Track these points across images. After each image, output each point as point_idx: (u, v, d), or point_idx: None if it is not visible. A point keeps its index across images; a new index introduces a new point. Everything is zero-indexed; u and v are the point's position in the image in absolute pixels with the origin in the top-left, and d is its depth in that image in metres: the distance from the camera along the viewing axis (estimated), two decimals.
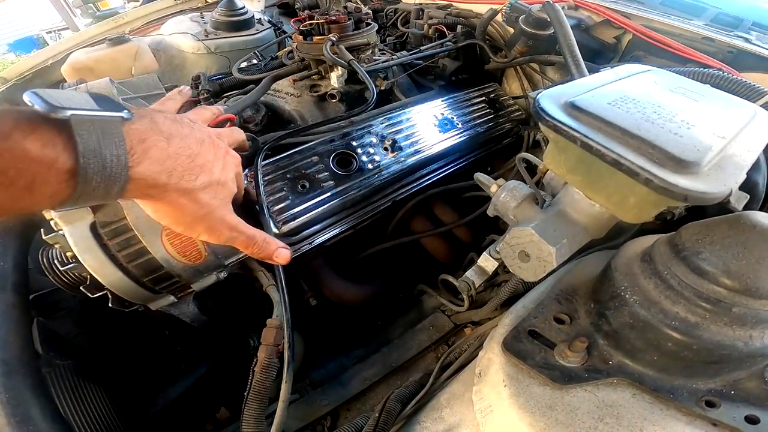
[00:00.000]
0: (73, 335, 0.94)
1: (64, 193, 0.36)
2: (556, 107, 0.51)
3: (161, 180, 0.43)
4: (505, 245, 0.55)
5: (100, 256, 0.61)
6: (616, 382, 0.49)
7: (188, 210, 0.48)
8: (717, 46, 1.04)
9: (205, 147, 0.49)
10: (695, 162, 0.41)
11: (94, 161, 0.36)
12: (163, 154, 0.42)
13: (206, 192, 0.48)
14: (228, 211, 0.54)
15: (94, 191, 0.37)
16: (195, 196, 0.47)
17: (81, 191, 0.37)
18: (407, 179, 1.01)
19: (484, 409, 0.54)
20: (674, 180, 0.39)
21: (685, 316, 0.44)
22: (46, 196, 0.36)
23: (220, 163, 0.51)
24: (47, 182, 0.35)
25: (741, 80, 0.78)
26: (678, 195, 0.38)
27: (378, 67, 1.09)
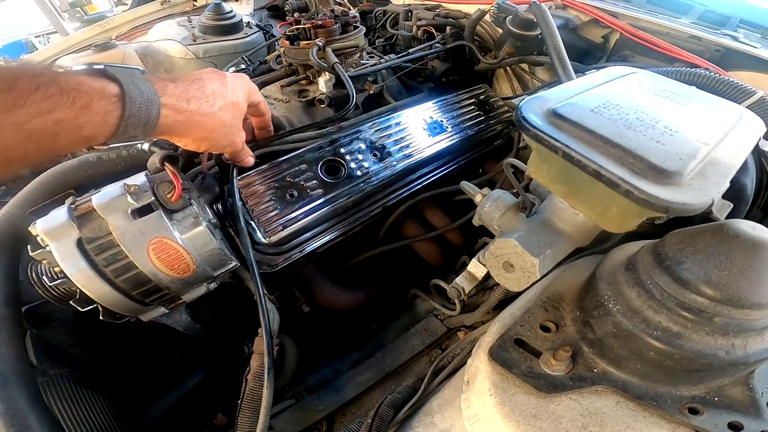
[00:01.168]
0: (68, 345, 0.93)
1: (115, 112, 0.45)
2: (538, 115, 0.50)
3: (184, 106, 0.53)
4: (490, 255, 0.55)
5: (88, 272, 0.61)
6: (600, 390, 0.49)
7: (217, 131, 0.59)
8: (704, 45, 1.04)
9: (208, 77, 0.59)
10: (677, 172, 0.41)
11: (134, 88, 0.46)
12: (176, 89, 0.53)
13: (225, 112, 0.59)
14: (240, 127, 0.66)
15: (139, 111, 0.47)
16: (217, 118, 0.58)
17: (129, 112, 0.46)
18: (397, 184, 1.01)
19: (471, 417, 0.54)
20: (655, 192, 0.39)
21: (667, 325, 0.44)
22: (101, 114, 0.44)
23: (228, 87, 0.61)
24: (102, 99, 0.44)
25: (728, 80, 0.78)
26: (659, 207, 0.39)
27: (367, 71, 1.09)
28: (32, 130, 0.40)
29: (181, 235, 0.62)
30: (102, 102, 0.45)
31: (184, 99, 0.54)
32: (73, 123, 0.43)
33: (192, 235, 0.63)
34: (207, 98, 0.57)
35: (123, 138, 0.49)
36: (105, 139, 0.48)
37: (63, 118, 0.42)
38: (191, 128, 0.57)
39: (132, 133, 0.49)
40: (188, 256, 0.63)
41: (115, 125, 0.46)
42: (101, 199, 0.61)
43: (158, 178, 0.65)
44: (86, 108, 0.43)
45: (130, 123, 0.47)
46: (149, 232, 0.60)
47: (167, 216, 0.62)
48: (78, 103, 0.42)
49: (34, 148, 0.42)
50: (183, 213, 0.64)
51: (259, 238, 0.81)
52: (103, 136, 0.47)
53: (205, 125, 0.58)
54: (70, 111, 0.42)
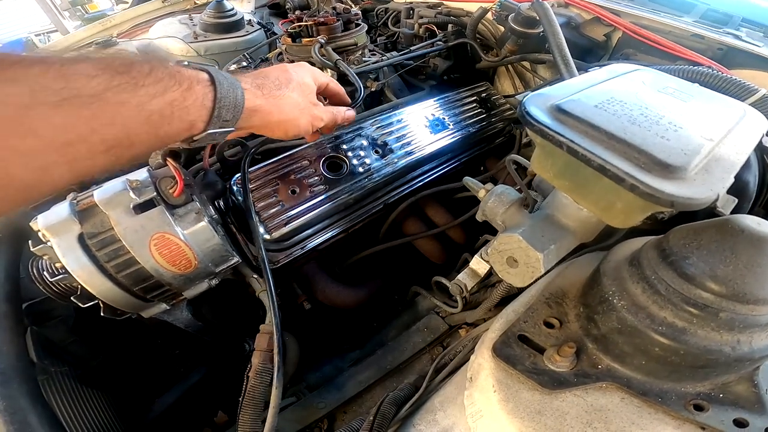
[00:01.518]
0: (68, 342, 0.93)
1: (210, 94, 0.49)
2: (542, 111, 0.50)
3: (258, 92, 0.56)
4: (494, 251, 0.55)
5: (89, 267, 0.60)
6: (604, 386, 0.49)
7: (294, 111, 0.61)
8: (707, 43, 1.04)
9: (270, 69, 0.63)
10: (682, 167, 0.41)
11: (218, 75, 0.50)
12: (247, 79, 0.57)
13: (295, 92, 0.62)
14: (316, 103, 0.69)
15: (228, 93, 0.50)
16: (290, 98, 0.61)
17: (220, 93, 0.49)
18: (399, 181, 1.01)
19: (475, 413, 0.54)
20: (660, 186, 0.39)
21: (673, 321, 0.44)
22: (200, 96, 0.48)
23: (290, 72, 0.64)
24: (199, 84, 0.48)
25: (731, 78, 0.78)
26: (664, 201, 0.38)
27: (368, 68, 1.08)
28: (151, 111, 0.43)
29: (183, 231, 0.62)
30: (199, 86, 0.48)
31: (258, 87, 0.57)
32: (182, 104, 0.46)
33: (194, 231, 0.63)
34: (273, 83, 0.60)
35: (217, 123, 0.50)
36: (204, 124, 0.50)
37: (174, 98, 0.45)
38: (271, 111, 0.59)
39: (225, 117, 0.51)
40: (190, 252, 0.63)
41: (210, 108, 0.49)
42: (103, 194, 0.61)
43: (160, 173, 0.65)
44: (190, 90, 0.47)
45: (223, 105, 0.50)
46: (151, 227, 0.60)
47: (169, 211, 0.62)
48: (183, 86, 0.46)
49: (153, 130, 0.44)
50: (185, 208, 0.64)
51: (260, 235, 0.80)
52: (203, 120, 0.49)
53: (281, 107, 0.60)
54: (179, 92, 0.45)
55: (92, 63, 0.39)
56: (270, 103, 0.58)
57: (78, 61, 0.39)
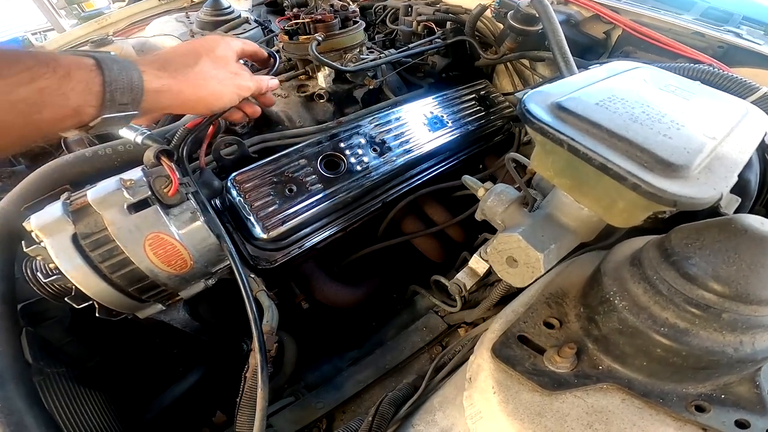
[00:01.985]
0: (65, 343, 0.92)
1: (96, 79, 0.47)
2: (542, 109, 0.49)
3: (161, 73, 0.54)
4: (493, 251, 0.54)
5: (83, 268, 0.59)
6: (605, 387, 0.49)
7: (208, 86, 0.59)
8: (707, 41, 1.03)
9: (176, 46, 0.61)
10: (685, 165, 0.40)
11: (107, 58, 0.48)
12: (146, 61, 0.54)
13: (207, 66, 0.59)
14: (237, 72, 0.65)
15: (119, 76, 0.48)
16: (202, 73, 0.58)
17: (109, 77, 0.47)
18: (397, 180, 1.00)
19: (474, 415, 0.53)
20: (663, 185, 0.38)
21: (674, 322, 0.43)
22: (83, 82, 0.46)
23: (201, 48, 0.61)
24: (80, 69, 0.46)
25: (732, 76, 0.77)
26: (667, 201, 0.38)
27: (366, 65, 1.07)
28: (16, 100, 0.41)
29: (179, 231, 0.61)
30: (80, 71, 0.46)
31: (157, 66, 0.55)
32: (57, 91, 0.44)
33: (189, 231, 0.62)
34: (180, 62, 0.58)
35: (113, 107, 0.48)
36: (96, 110, 0.48)
37: (46, 86, 0.43)
38: (181, 90, 0.56)
39: (120, 100, 0.49)
40: (185, 252, 0.62)
41: (100, 93, 0.47)
42: (96, 194, 0.60)
43: (155, 172, 0.64)
44: (67, 77, 0.45)
45: (115, 88, 0.48)
46: (145, 227, 0.59)
47: (164, 211, 0.61)
48: (59, 72, 0.44)
49: (22, 119, 0.43)
50: (180, 208, 0.63)
51: (257, 234, 0.80)
52: (93, 106, 0.47)
53: (195, 84, 0.58)
54: (53, 79, 0.44)
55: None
56: (179, 82, 0.56)
57: None
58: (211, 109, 0.63)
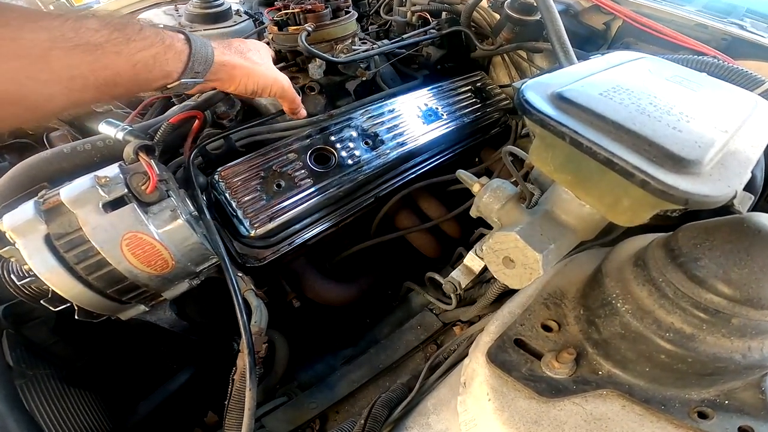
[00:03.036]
0: (51, 343, 0.90)
1: (186, 50, 0.59)
2: (542, 99, 0.46)
3: (224, 53, 0.67)
4: (489, 250, 0.51)
5: (58, 269, 0.56)
6: (605, 393, 0.46)
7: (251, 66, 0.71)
8: (710, 33, 1.00)
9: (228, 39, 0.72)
10: (696, 160, 0.37)
11: (192, 35, 0.61)
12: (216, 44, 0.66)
13: (252, 53, 0.73)
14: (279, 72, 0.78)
15: (201, 49, 0.61)
16: (248, 57, 0.71)
17: (194, 48, 0.60)
18: (391, 174, 0.97)
19: (468, 422, 0.51)
20: (673, 182, 0.35)
21: (681, 327, 0.41)
22: (179, 52, 0.58)
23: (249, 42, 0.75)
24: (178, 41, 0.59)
25: (738, 69, 0.75)
26: (678, 199, 0.35)
27: (358, 56, 1.03)
28: (137, 60, 0.53)
29: (158, 230, 0.58)
30: (178, 43, 0.58)
31: (223, 46, 0.68)
32: (163, 57, 0.56)
33: (170, 230, 0.59)
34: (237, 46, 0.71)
35: (190, 73, 0.60)
36: (179, 75, 0.59)
37: (157, 52, 0.55)
38: (235, 65, 0.69)
39: (197, 69, 0.61)
40: (166, 252, 0.59)
41: (186, 61, 0.59)
42: (70, 192, 0.56)
43: (132, 169, 0.61)
44: (171, 47, 0.57)
45: (196, 58, 0.60)
46: (122, 226, 0.56)
47: (142, 209, 0.57)
48: (166, 42, 0.57)
49: (136, 76, 0.54)
50: (159, 206, 0.59)
51: (245, 231, 0.77)
52: (178, 71, 0.59)
53: (243, 64, 0.70)
54: (162, 48, 0.56)
55: (97, 19, 0.50)
56: (236, 58, 0.69)
57: (87, 17, 0.49)
58: (258, 87, 0.73)
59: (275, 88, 0.76)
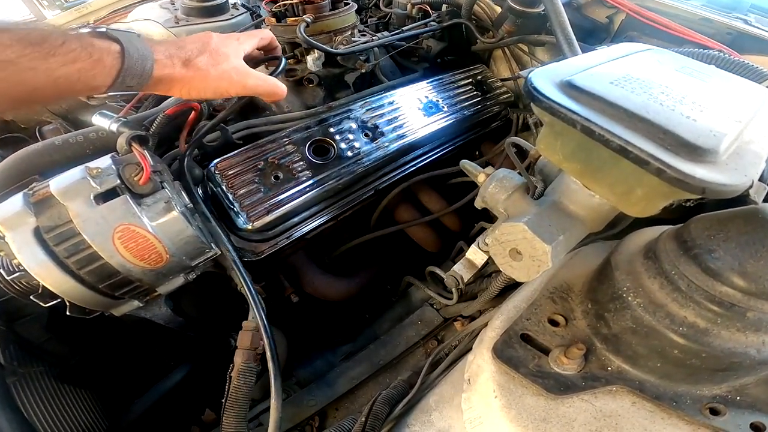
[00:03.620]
0: (44, 340, 0.88)
1: (117, 64, 0.55)
2: (551, 86, 0.45)
3: (169, 62, 0.62)
4: (495, 242, 0.50)
5: (48, 264, 0.54)
6: (615, 390, 0.45)
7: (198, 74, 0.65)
8: (715, 28, 0.99)
9: (191, 39, 0.68)
10: (712, 149, 0.36)
11: (131, 46, 0.56)
12: (162, 48, 0.62)
13: (202, 58, 0.66)
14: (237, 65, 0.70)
15: (136, 65, 0.56)
16: (194, 63, 0.64)
17: (128, 63, 0.55)
18: (390, 166, 0.96)
19: (473, 419, 0.50)
20: (690, 170, 0.34)
21: (694, 320, 0.39)
22: (108, 66, 0.54)
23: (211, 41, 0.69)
24: (109, 55, 0.54)
25: (744, 62, 0.74)
26: (694, 187, 0.33)
27: (358, 48, 1.01)
28: (59, 76, 0.50)
29: (151, 222, 0.56)
30: (109, 57, 0.54)
31: (168, 55, 0.62)
32: (90, 72, 0.52)
33: (164, 222, 0.57)
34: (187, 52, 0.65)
35: (121, 87, 0.56)
36: (107, 88, 0.56)
37: (82, 67, 0.51)
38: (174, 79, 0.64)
39: (128, 83, 0.57)
40: (160, 245, 0.57)
41: (115, 76, 0.55)
42: (60, 184, 0.54)
43: (125, 160, 0.59)
44: (99, 61, 0.53)
45: (128, 74, 0.56)
46: (114, 218, 0.54)
47: (135, 201, 0.55)
48: (94, 57, 0.52)
49: (57, 91, 0.52)
50: (153, 197, 0.57)
51: (241, 224, 0.75)
52: (105, 85, 0.55)
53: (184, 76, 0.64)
54: (88, 63, 0.52)
55: (10, 34, 0.47)
56: (177, 70, 0.63)
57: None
58: (207, 95, 0.68)
59: (233, 90, 0.70)
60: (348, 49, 1.00)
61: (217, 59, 0.68)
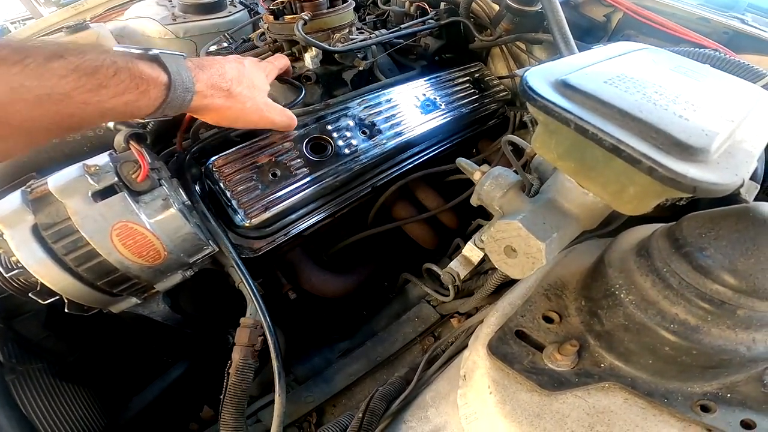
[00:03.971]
0: (43, 338, 0.89)
1: (161, 96, 0.54)
2: (546, 85, 0.45)
3: (209, 93, 0.62)
4: (490, 239, 0.50)
5: (46, 261, 0.55)
6: (607, 386, 0.46)
7: (236, 106, 0.66)
8: (712, 27, 0.99)
9: (231, 66, 0.68)
10: (704, 148, 0.36)
11: (178, 78, 0.55)
12: (204, 76, 0.61)
13: (241, 88, 0.67)
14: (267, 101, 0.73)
15: (178, 97, 0.56)
16: (232, 93, 0.65)
17: (172, 97, 0.55)
18: (388, 163, 0.96)
19: (469, 415, 0.51)
20: (682, 169, 0.34)
21: (685, 318, 0.40)
22: (153, 98, 0.53)
23: (246, 70, 0.70)
24: (155, 87, 0.53)
25: (740, 62, 0.74)
26: (686, 186, 0.34)
27: (355, 46, 1.01)
28: (108, 108, 0.49)
29: (149, 219, 0.56)
30: (155, 90, 0.53)
31: (209, 86, 0.62)
32: (135, 104, 0.52)
33: (162, 219, 0.57)
34: (226, 82, 0.65)
35: (160, 115, 0.56)
36: (147, 116, 0.56)
37: (130, 99, 0.51)
38: (211, 110, 0.65)
39: (168, 113, 0.57)
40: (158, 242, 0.57)
41: (158, 106, 0.55)
42: (58, 181, 0.55)
43: (123, 157, 0.59)
44: (146, 93, 0.52)
45: (169, 106, 0.56)
46: (112, 216, 0.54)
47: (132, 198, 0.56)
48: (141, 88, 0.52)
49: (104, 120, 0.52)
50: (151, 195, 0.58)
51: (239, 221, 0.75)
52: (146, 114, 0.55)
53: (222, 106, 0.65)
54: (135, 94, 0.51)
55: (64, 63, 0.44)
56: (216, 101, 0.64)
57: (52, 59, 0.44)
58: (238, 125, 0.71)
59: (261, 123, 0.72)
60: (346, 46, 1.00)
61: (252, 92, 0.69)
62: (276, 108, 0.74)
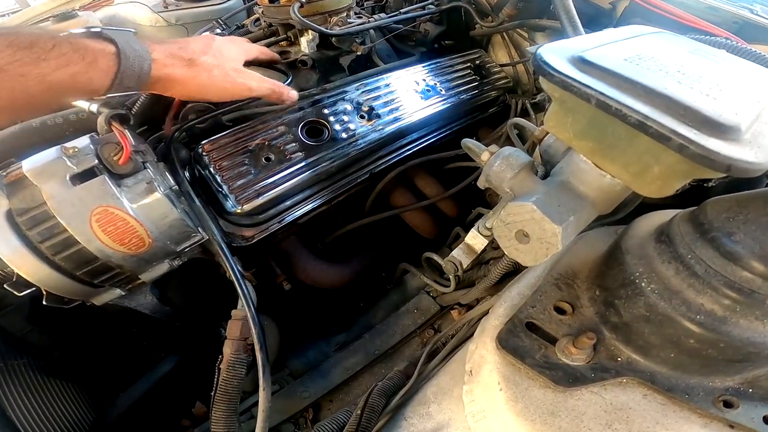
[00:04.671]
0: (26, 332, 0.85)
1: (113, 66, 0.53)
2: (563, 61, 0.42)
3: (169, 61, 0.60)
4: (500, 223, 0.47)
5: (21, 249, 0.51)
6: (625, 381, 0.43)
7: (201, 74, 0.63)
8: (722, 16, 0.97)
9: (193, 39, 0.67)
10: (735, 127, 0.33)
11: (127, 47, 0.54)
12: (162, 47, 0.60)
13: (206, 57, 0.64)
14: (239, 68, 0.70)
15: (133, 66, 0.54)
16: (195, 61, 0.63)
17: (125, 65, 0.53)
18: (386, 149, 0.92)
19: (476, 413, 0.48)
20: (715, 146, 0.31)
21: (712, 308, 0.37)
22: (104, 69, 0.52)
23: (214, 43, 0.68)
24: (104, 57, 0.52)
25: (753, 51, 0.71)
26: (719, 165, 0.31)
27: (353, 29, 0.97)
28: (53, 81, 0.48)
29: (132, 204, 0.52)
30: (104, 59, 0.52)
31: (169, 54, 0.61)
32: (85, 76, 0.50)
33: (146, 204, 0.53)
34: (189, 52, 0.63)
35: (118, 89, 0.54)
36: (105, 90, 0.54)
37: (77, 71, 0.50)
38: (174, 79, 0.62)
39: (127, 84, 0.55)
40: (142, 229, 0.53)
41: (113, 77, 0.53)
42: (33, 164, 0.50)
43: (104, 139, 0.55)
44: (94, 63, 0.51)
45: (125, 75, 0.54)
46: (91, 200, 0.50)
47: (114, 181, 0.52)
48: (88, 59, 0.50)
49: (53, 97, 0.50)
50: (134, 178, 0.54)
51: (230, 207, 0.71)
52: (104, 87, 0.53)
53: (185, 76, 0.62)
54: (82, 66, 0.50)
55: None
56: (178, 71, 0.61)
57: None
58: (208, 97, 0.68)
59: (237, 91, 0.69)
60: (343, 30, 0.96)
61: (220, 60, 0.67)
62: (252, 74, 0.71)
